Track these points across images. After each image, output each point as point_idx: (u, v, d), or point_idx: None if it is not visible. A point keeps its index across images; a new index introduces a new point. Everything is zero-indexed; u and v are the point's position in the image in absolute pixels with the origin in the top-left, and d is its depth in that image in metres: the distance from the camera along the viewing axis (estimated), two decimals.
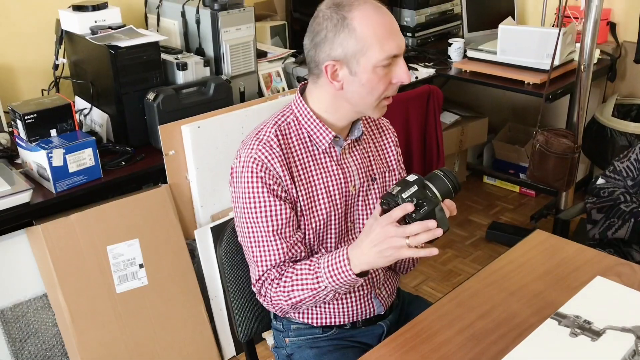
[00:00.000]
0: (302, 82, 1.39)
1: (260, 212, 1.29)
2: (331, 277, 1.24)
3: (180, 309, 2.14)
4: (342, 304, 1.41)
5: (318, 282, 1.25)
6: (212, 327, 2.24)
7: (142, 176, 2.10)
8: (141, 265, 2.06)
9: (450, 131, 3.24)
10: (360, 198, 1.40)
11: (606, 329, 1.07)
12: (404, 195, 1.13)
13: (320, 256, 1.29)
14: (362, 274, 1.24)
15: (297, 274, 1.28)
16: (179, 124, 2.10)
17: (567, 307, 1.13)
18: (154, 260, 2.09)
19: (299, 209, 1.33)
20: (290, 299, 1.29)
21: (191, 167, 2.15)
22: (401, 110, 2.56)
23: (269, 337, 2.29)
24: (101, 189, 2.00)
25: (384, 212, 1.18)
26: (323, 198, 1.35)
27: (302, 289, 1.27)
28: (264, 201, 1.29)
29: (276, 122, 1.34)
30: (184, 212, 2.20)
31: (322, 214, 1.34)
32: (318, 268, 1.26)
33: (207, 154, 2.16)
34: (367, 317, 1.45)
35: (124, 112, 2.14)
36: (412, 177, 1.17)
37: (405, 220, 1.14)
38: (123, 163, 2.08)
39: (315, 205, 1.34)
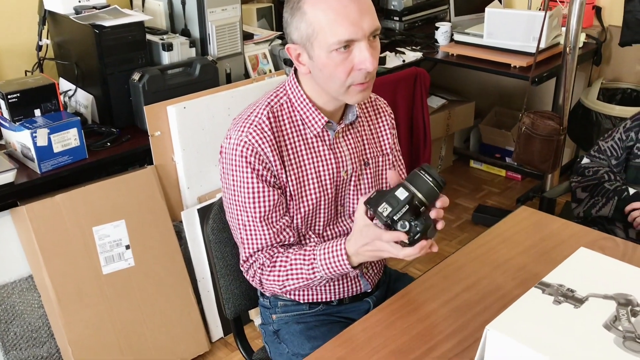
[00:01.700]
0: None
1: (248, 196, 1.28)
2: (328, 268, 1.24)
3: (167, 290, 2.13)
4: (329, 283, 1.41)
5: (314, 273, 1.26)
6: (200, 308, 2.24)
7: (127, 157, 2.09)
8: (127, 247, 2.05)
9: (437, 115, 3.25)
10: (352, 183, 1.39)
11: (589, 297, 1.08)
12: (396, 218, 1.11)
13: (315, 246, 1.28)
14: (358, 266, 1.25)
15: (291, 264, 1.28)
16: (164, 104, 2.09)
17: (551, 276, 1.14)
18: (140, 242, 2.08)
19: (288, 193, 1.32)
20: (285, 287, 1.30)
21: (177, 148, 2.14)
22: (388, 93, 2.56)
23: (256, 318, 2.29)
24: (86, 169, 1.99)
25: (372, 218, 1.17)
26: (313, 183, 1.33)
27: (297, 278, 1.28)
28: (252, 186, 1.28)
29: (269, 103, 1.32)
30: (170, 194, 2.19)
31: (312, 199, 1.33)
32: (314, 259, 1.26)
33: (193, 135, 2.15)
34: (354, 294, 1.46)
35: (109, 93, 2.12)
36: (402, 194, 1.12)
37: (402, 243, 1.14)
38: (108, 144, 2.07)
39: (305, 190, 1.33)
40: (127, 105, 2.15)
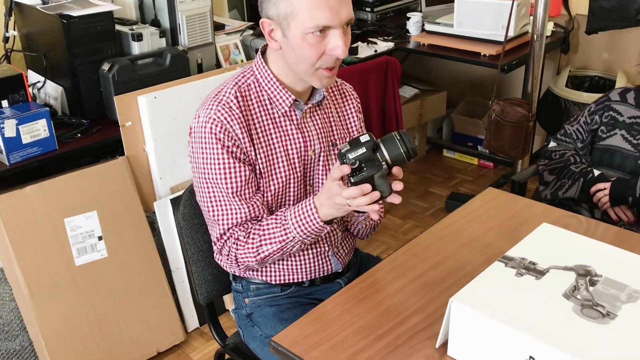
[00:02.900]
0: (264, 44, 1.38)
1: (219, 172, 1.29)
2: (299, 226, 1.26)
3: (141, 281, 2.13)
4: (301, 261, 1.43)
5: (286, 234, 1.27)
6: (175, 299, 2.24)
7: (98, 148, 2.08)
8: (100, 238, 2.04)
9: (410, 105, 3.28)
10: (321, 163, 1.41)
11: (550, 269, 1.11)
12: (350, 156, 1.14)
13: (286, 210, 1.30)
14: (328, 222, 1.26)
15: (264, 229, 1.30)
16: (135, 94, 2.08)
17: (514, 250, 1.17)
18: (113, 233, 2.07)
19: (258, 171, 1.33)
20: (259, 254, 1.30)
21: (149, 138, 2.14)
22: (360, 82, 2.58)
23: (232, 306, 2.30)
24: (57, 161, 1.98)
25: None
26: (282, 161, 1.35)
27: (271, 242, 1.28)
28: (223, 162, 1.29)
29: (236, 82, 1.34)
30: (142, 185, 2.18)
31: (281, 177, 1.35)
32: (285, 220, 1.27)
33: (164, 126, 2.15)
34: (325, 274, 1.48)
35: (79, 84, 2.11)
36: (365, 138, 1.15)
37: (349, 180, 1.16)
38: (79, 135, 2.05)
39: (275, 169, 1.35)
40: (97, 96, 2.14)
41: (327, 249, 1.45)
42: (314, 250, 1.43)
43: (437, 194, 3.27)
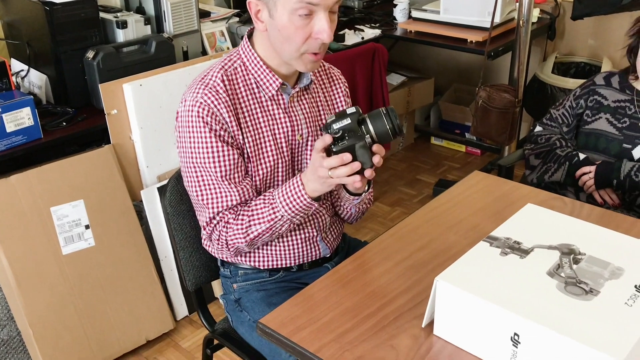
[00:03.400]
0: (251, 27, 1.37)
1: (208, 156, 1.28)
2: (287, 204, 1.26)
3: (129, 269, 2.13)
4: (289, 246, 1.43)
5: (274, 212, 1.27)
6: (164, 287, 2.24)
7: (84, 136, 2.07)
8: (87, 227, 2.03)
9: (397, 92, 3.29)
10: (309, 147, 1.41)
11: (534, 248, 1.12)
12: (335, 126, 1.15)
13: (274, 190, 1.31)
14: (316, 199, 1.27)
15: (252, 210, 1.30)
16: (120, 82, 2.07)
17: (499, 230, 1.18)
18: (100, 221, 2.06)
19: (246, 155, 1.33)
20: (247, 235, 1.30)
21: (135, 126, 2.12)
22: (347, 69, 2.58)
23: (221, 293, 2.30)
24: (42, 149, 1.96)
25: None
26: (270, 145, 1.35)
27: (260, 222, 1.28)
28: (211, 145, 1.28)
29: (223, 66, 1.33)
30: (129, 173, 2.17)
31: (270, 161, 1.35)
32: (273, 199, 1.28)
33: (150, 114, 2.14)
34: (313, 259, 1.48)
35: (63, 72, 2.09)
36: (351, 110, 1.18)
37: (331, 150, 1.17)
38: (64, 123, 2.04)
39: (263, 153, 1.34)
40: (82, 84, 2.12)
41: (315, 234, 1.45)
42: (302, 236, 1.43)
43: (425, 181, 3.29)
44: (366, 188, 1.37)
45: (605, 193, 1.86)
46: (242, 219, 1.30)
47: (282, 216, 1.27)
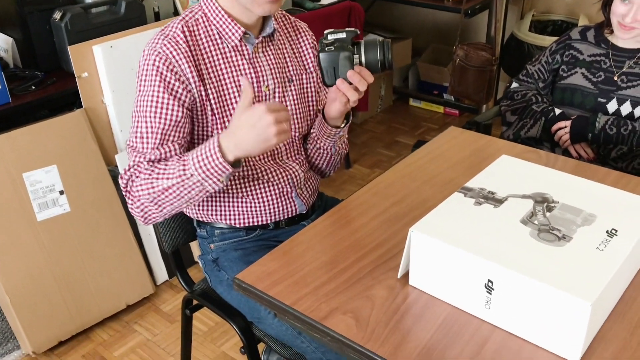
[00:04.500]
0: None
1: (151, 106, 1.24)
2: (198, 162, 1.18)
3: (106, 234, 2.11)
4: (263, 202, 1.42)
5: (184, 169, 1.19)
6: (142, 252, 2.22)
7: (54, 100, 2.03)
8: (62, 192, 2.00)
9: None
10: (277, 99, 1.39)
11: (508, 197, 1.12)
12: (330, 36, 1.19)
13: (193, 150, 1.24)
14: (236, 164, 1.20)
15: (166, 165, 1.23)
16: (89, 44, 2.01)
17: (473, 181, 1.18)
18: (75, 187, 2.03)
19: (210, 109, 1.30)
20: (153, 187, 1.21)
21: (106, 90, 2.08)
22: (322, 28, 2.52)
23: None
24: (11, 114, 1.92)
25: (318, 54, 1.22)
26: (235, 98, 1.33)
27: (168, 177, 1.20)
28: (157, 96, 1.24)
29: (183, 18, 1.31)
30: (102, 137, 2.14)
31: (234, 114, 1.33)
32: (186, 157, 1.21)
33: (122, 76, 2.09)
34: (289, 215, 1.47)
35: (30, 35, 2.03)
36: (350, 29, 1.20)
37: (317, 55, 1.20)
38: (33, 87, 1.99)
39: (227, 105, 1.32)
40: (50, 46, 2.07)
41: (289, 189, 1.44)
42: (276, 191, 1.42)
43: (403, 142, 3.28)
44: (345, 121, 1.40)
45: (581, 147, 1.87)
46: (152, 171, 1.23)
47: (191, 175, 1.19)
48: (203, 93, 1.28)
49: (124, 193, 1.28)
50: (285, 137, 1.17)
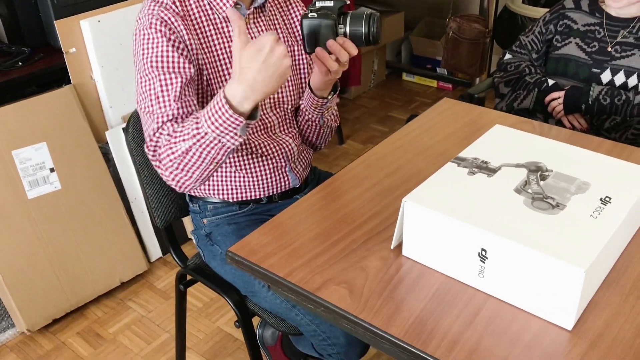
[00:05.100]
0: None
1: (159, 63, 1.20)
2: (209, 118, 1.11)
3: (98, 212, 2.09)
4: (257, 176, 1.41)
5: (198, 128, 1.13)
6: (135, 230, 2.21)
7: (42, 76, 2.00)
8: (52, 170, 1.98)
9: None
10: None
11: (501, 167, 1.12)
12: (317, 3, 1.16)
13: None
14: (251, 116, 1.13)
15: (182, 127, 1.18)
16: (77, 18, 1.98)
17: (467, 151, 1.17)
18: (65, 164, 2.01)
19: (205, 79, 1.29)
20: (173, 152, 1.16)
21: (95, 65, 2.05)
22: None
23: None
24: None
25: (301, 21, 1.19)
26: (227, 69, 1.31)
27: (184, 139, 1.15)
28: (166, 54, 1.20)
29: None
30: (92, 114, 2.11)
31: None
32: (199, 115, 1.16)
33: (111, 51, 2.06)
34: (283, 190, 1.47)
35: (15, 9, 1.99)
36: None
37: (301, 19, 1.18)
38: (20, 64, 1.96)
39: (220, 76, 1.31)
40: (36, 21, 2.03)
41: (283, 164, 1.43)
42: (270, 165, 1.41)
43: (397, 117, 3.27)
44: (332, 92, 1.38)
45: (574, 118, 1.87)
46: (171, 135, 1.18)
47: (205, 133, 1.12)
48: (199, 62, 1.26)
49: (153, 164, 1.22)
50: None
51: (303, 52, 1.44)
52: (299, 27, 1.44)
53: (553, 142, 1.22)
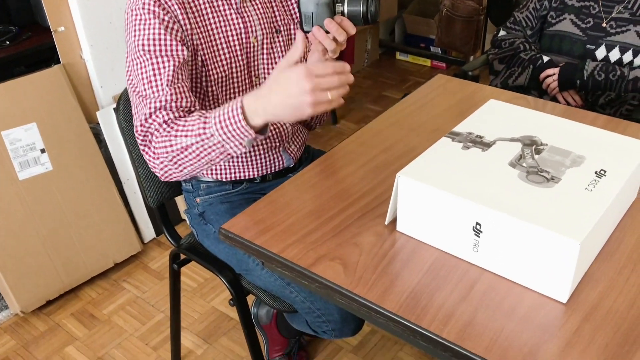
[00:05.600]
0: None
1: (151, 45, 1.18)
2: (220, 121, 1.08)
3: (91, 193, 2.08)
4: (251, 156, 1.40)
5: (205, 128, 1.10)
6: (128, 210, 2.20)
7: (31, 56, 1.97)
8: (43, 150, 1.96)
9: None
10: (265, 50, 1.35)
11: (496, 141, 1.11)
12: None
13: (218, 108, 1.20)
14: (261, 131, 1.11)
15: (186, 120, 1.16)
16: None
17: (461, 126, 1.16)
18: (56, 145, 1.99)
19: (200, 59, 1.26)
20: (172, 145, 1.14)
21: (85, 44, 2.02)
22: None
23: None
24: None
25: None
26: (223, 48, 1.29)
27: (187, 135, 1.12)
28: (158, 37, 1.18)
29: None
30: (83, 94, 2.09)
31: (223, 65, 1.29)
32: (209, 115, 1.14)
33: (101, 30, 2.03)
34: (277, 169, 1.45)
35: None
36: None
37: (299, 10, 1.15)
38: (7, 43, 1.93)
39: (216, 56, 1.28)
40: (24, 0, 1.99)
41: (277, 144, 1.42)
42: (264, 145, 1.40)
43: (390, 97, 3.25)
44: None
45: (569, 94, 1.86)
46: (172, 127, 1.16)
47: (211, 134, 1.09)
48: (194, 42, 1.24)
49: (141, 148, 1.20)
50: (324, 108, 1.04)
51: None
52: (295, 5, 1.42)
53: (548, 116, 1.21)
